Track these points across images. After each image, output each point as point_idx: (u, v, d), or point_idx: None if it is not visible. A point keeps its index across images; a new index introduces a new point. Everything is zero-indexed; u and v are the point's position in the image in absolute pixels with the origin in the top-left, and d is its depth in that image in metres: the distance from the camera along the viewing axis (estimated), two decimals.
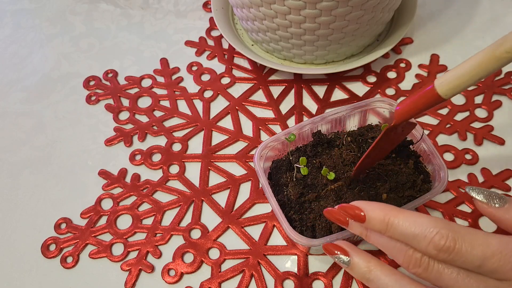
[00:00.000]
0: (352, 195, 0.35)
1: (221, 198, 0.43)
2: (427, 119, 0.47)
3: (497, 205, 0.29)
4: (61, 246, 0.42)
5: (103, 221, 0.43)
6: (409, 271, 0.28)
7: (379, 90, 0.49)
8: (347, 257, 0.30)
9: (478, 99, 0.48)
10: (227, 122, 0.48)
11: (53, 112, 0.51)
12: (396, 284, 0.28)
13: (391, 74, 0.51)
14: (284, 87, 0.51)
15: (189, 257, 0.40)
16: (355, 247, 0.30)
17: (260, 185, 0.43)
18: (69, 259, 0.41)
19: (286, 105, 0.49)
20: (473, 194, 0.30)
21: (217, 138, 0.47)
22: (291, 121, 0.48)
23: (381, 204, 0.29)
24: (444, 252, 0.26)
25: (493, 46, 0.26)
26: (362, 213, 0.29)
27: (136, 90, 0.52)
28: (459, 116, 0.46)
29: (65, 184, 0.46)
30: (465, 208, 0.41)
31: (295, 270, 0.39)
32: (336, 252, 0.30)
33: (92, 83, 0.53)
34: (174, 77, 0.53)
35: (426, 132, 0.46)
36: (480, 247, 0.26)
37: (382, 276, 0.28)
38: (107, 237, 0.42)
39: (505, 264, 0.25)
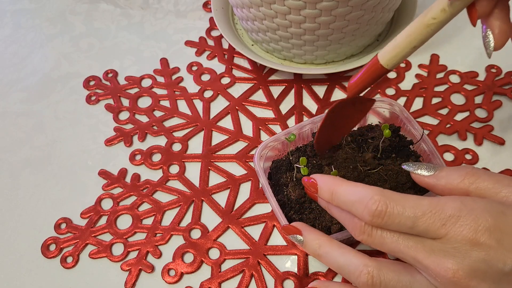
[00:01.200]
0: None
1: (221, 198, 0.43)
2: (427, 119, 0.47)
3: (427, 173, 0.31)
4: (61, 246, 0.42)
5: (103, 221, 0.43)
6: (357, 239, 0.29)
7: (379, 90, 0.49)
8: (301, 236, 0.32)
9: (478, 99, 0.48)
10: (227, 122, 0.48)
11: (53, 112, 0.51)
12: (341, 256, 0.30)
13: (391, 74, 0.51)
14: (284, 87, 0.51)
15: (189, 257, 0.40)
16: (308, 227, 0.33)
17: (260, 185, 0.43)
18: (69, 259, 0.41)
19: (286, 105, 0.49)
20: (406, 167, 0.32)
21: (217, 138, 0.47)
22: (291, 121, 0.48)
23: (331, 176, 0.31)
24: (377, 216, 0.27)
25: (422, 14, 0.29)
26: (317, 185, 0.32)
27: (136, 90, 0.52)
28: (459, 116, 0.46)
29: (65, 184, 0.46)
30: None
31: (295, 270, 0.39)
32: (294, 232, 0.33)
33: (92, 83, 0.53)
34: (174, 77, 0.53)
35: (426, 132, 0.46)
36: (411, 209, 0.27)
37: (330, 250, 0.30)
38: (107, 237, 0.42)
39: (434, 222, 0.26)
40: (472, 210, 0.26)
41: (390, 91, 0.49)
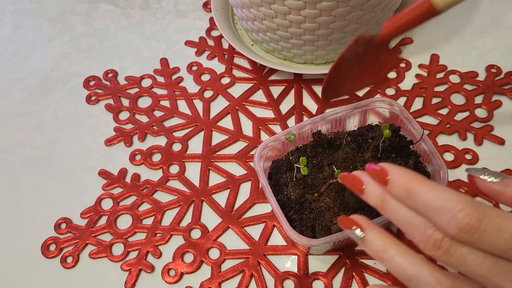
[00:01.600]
0: (352, 193, 0.35)
1: (221, 198, 0.43)
2: (427, 119, 0.47)
3: (494, 180, 0.28)
4: (61, 246, 0.42)
5: (103, 221, 0.43)
6: (427, 253, 0.25)
7: (379, 90, 0.49)
8: (362, 232, 0.28)
9: (478, 99, 0.47)
10: (227, 122, 0.48)
11: (53, 112, 0.51)
12: (411, 267, 0.25)
13: (391, 74, 0.51)
14: (284, 87, 0.51)
15: (189, 257, 0.40)
16: (372, 223, 0.28)
17: (260, 185, 0.43)
18: (69, 259, 0.41)
19: (286, 105, 0.49)
20: (473, 173, 0.29)
21: (217, 138, 0.47)
22: (291, 121, 0.48)
23: (407, 170, 0.27)
24: (467, 232, 0.23)
25: None
26: (387, 176, 0.27)
27: (136, 90, 0.52)
28: (459, 116, 0.46)
29: (65, 184, 0.46)
30: None
31: (295, 270, 0.39)
32: (351, 226, 0.28)
33: (92, 83, 0.53)
34: (174, 77, 0.53)
35: (426, 132, 0.46)
36: (510, 229, 0.23)
37: (396, 257, 0.26)
38: (107, 237, 0.42)
39: None
40: None
41: (390, 91, 0.49)
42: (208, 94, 0.51)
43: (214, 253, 0.40)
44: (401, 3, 0.52)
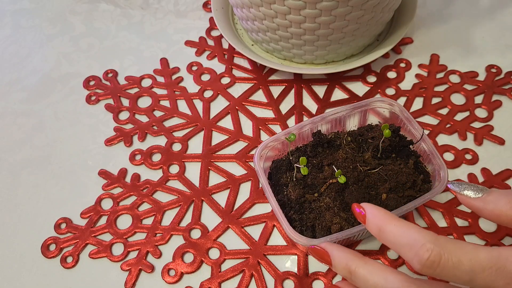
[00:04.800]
0: (352, 193, 0.35)
1: (221, 198, 0.43)
2: (427, 119, 0.47)
3: (473, 196, 0.29)
4: (61, 246, 0.42)
5: (103, 221, 0.43)
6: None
7: (379, 90, 0.49)
8: (329, 257, 0.31)
9: (478, 99, 0.48)
10: (227, 122, 0.48)
11: (53, 112, 0.51)
12: (383, 281, 0.27)
13: (391, 74, 0.51)
14: (284, 87, 0.51)
15: (189, 257, 0.40)
16: (338, 247, 0.31)
17: (260, 185, 0.43)
18: (69, 259, 0.41)
19: (286, 105, 0.49)
20: (452, 187, 0.31)
21: (217, 138, 0.47)
22: (291, 121, 0.48)
23: (381, 209, 0.29)
24: (429, 267, 0.25)
25: None
26: (365, 217, 0.30)
27: (136, 90, 0.52)
28: (459, 116, 0.46)
29: (65, 184, 0.46)
30: (465, 208, 0.41)
31: (295, 270, 0.39)
32: (320, 257, 0.31)
33: (92, 83, 0.53)
34: (174, 77, 0.53)
35: (426, 132, 0.46)
36: (468, 262, 0.25)
37: (367, 275, 0.28)
38: (107, 237, 0.42)
39: (496, 279, 0.24)
40: None
41: (390, 91, 0.49)
42: (208, 94, 0.51)
43: (214, 253, 0.40)
44: (401, 3, 0.52)
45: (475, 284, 0.25)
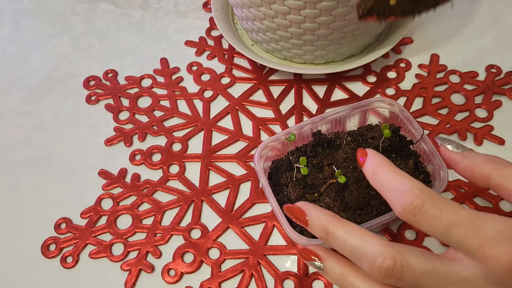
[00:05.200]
0: (352, 193, 0.35)
1: (221, 198, 0.43)
2: (427, 119, 0.47)
3: (454, 150, 0.31)
4: (61, 246, 0.42)
5: (103, 221, 0.43)
6: (379, 282, 0.27)
7: (379, 90, 0.49)
8: (320, 263, 0.29)
9: (478, 99, 0.48)
10: (227, 122, 0.48)
11: (53, 112, 0.51)
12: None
13: (391, 74, 0.51)
14: (284, 87, 0.51)
15: (189, 257, 0.40)
16: (330, 252, 0.30)
17: (260, 185, 0.43)
18: (69, 259, 0.41)
19: (286, 105, 0.49)
20: (440, 141, 0.32)
21: (217, 138, 0.47)
22: (291, 121, 0.48)
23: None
24: (410, 212, 0.25)
25: None
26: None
27: (136, 90, 0.52)
28: (459, 116, 0.46)
29: (65, 184, 0.46)
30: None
31: (295, 270, 0.39)
32: (311, 257, 0.30)
33: (92, 83, 0.53)
34: (174, 77, 0.53)
35: (426, 132, 0.46)
36: (448, 215, 0.25)
37: (357, 283, 0.28)
38: (107, 237, 0.42)
39: (470, 239, 0.24)
40: None
41: (390, 91, 0.49)
42: (208, 94, 0.51)
43: (214, 253, 0.40)
44: None
45: (449, 238, 0.25)
